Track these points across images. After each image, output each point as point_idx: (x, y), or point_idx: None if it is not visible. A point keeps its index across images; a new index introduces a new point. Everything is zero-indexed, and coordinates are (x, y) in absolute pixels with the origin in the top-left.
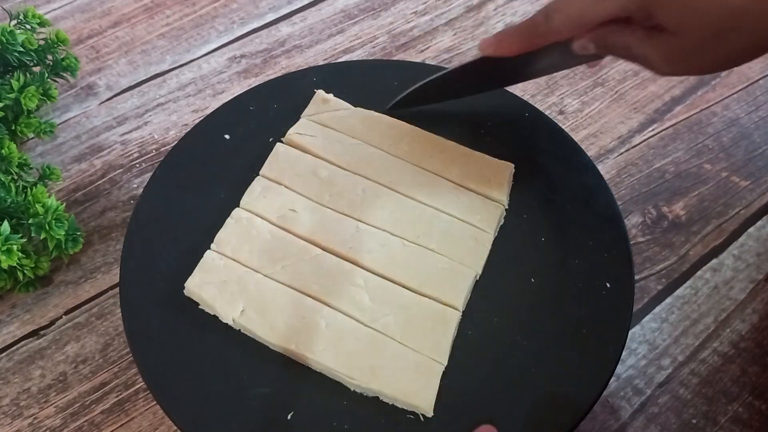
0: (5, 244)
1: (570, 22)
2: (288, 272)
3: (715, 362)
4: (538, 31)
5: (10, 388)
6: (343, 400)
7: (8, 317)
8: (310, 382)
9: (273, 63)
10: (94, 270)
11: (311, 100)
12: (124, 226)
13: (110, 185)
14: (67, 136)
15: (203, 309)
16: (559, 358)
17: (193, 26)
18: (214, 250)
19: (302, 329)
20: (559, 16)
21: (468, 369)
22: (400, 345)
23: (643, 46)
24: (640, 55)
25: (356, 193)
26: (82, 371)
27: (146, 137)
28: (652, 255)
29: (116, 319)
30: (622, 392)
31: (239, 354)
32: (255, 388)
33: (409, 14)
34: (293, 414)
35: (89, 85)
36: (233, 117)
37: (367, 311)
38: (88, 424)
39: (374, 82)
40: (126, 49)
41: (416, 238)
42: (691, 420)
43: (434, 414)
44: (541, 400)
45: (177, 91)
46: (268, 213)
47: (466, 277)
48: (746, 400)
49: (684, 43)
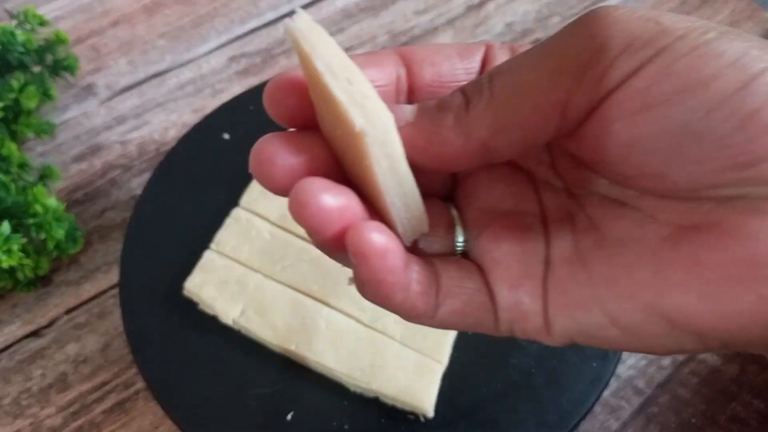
0: (6, 244)
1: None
2: (288, 272)
3: (715, 362)
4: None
5: (11, 387)
6: (343, 401)
7: (9, 317)
8: (310, 382)
9: (273, 62)
10: (94, 270)
11: None
12: (124, 226)
13: (110, 185)
14: (67, 136)
15: (203, 309)
16: (559, 358)
17: (193, 26)
18: (213, 250)
19: (302, 329)
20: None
21: (469, 369)
22: (400, 345)
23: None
24: None
25: None
26: (83, 371)
27: (146, 137)
28: None
29: (116, 319)
30: (622, 392)
31: (239, 354)
32: (255, 388)
33: (409, 13)
34: (293, 414)
35: (89, 85)
36: (233, 117)
37: (367, 311)
38: (89, 423)
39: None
40: (126, 49)
41: None
42: (690, 419)
43: (434, 414)
44: (541, 400)
45: (177, 91)
46: (267, 213)
47: None
48: (745, 399)
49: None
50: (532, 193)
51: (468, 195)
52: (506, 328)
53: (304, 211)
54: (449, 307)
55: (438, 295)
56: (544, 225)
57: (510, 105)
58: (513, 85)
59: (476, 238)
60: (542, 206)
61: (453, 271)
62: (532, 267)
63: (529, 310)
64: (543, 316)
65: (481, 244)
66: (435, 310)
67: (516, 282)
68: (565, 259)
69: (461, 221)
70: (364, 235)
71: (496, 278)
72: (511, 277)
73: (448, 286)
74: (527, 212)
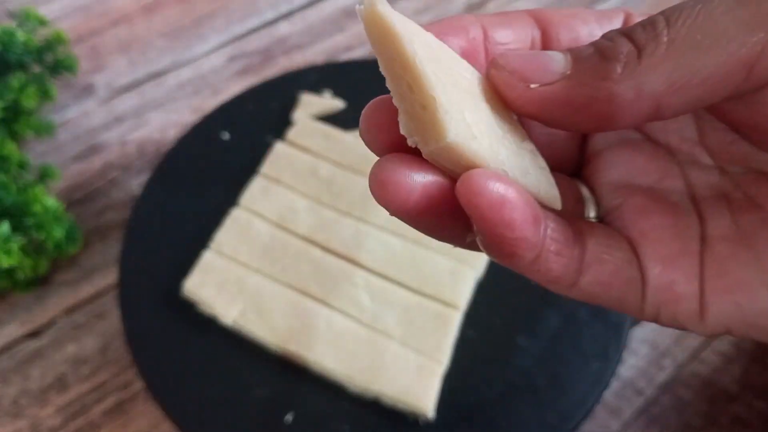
0: (5, 244)
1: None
2: (287, 272)
3: (716, 362)
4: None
5: (10, 387)
6: (342, 402)
7: (8, 317)
8: (310, 383)
9: (272, 62)
10: (94, 270)
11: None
12: (123, 226)
13: (110, 185)
14: (66, 136)
15: (202, 309)
16: (559, 359)
17: (193, 25)
18: (213, 250)
19: (302, 330)
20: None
21: (469, 370)
22: (400, 345)
23: None
24: None
25: (356, 192)
26: (82, 371)
27: (145, 137)
28: None
29: (115, 319)
30: (623, 392)
31: (239, 354)
32: (254, 389)
33: (409, 13)
34: (292, 415)
35: (89, 84)
36: (232, 116)
37: (367, 311)
38: (88, 423)
39: (375, 82)
40: (126, 49)
41: (417, 237)
42: (692, 420)
43: (435, 415)
44: (541, 401)
45: (176, 91)
46: (267, 213)
47: (467, 276)
48: (747, 400)
49: None
50: (677, 169)
51: (600, 169)
52: (652, 310)
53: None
54: (594, 276)
55: (582, 260)
56: (694, 203)
57: (694, 57)
58: (699, 34)
59: (617, 210)
60: (689, 184)
61: (601, 236)
62: (688, 243)
63: (683, 291)
64: (698, 300)
65: (624, 215)
66: (577, 276)
67: (670, 259)
68: (725, 238)
69: (592, 195)
70: (477, 183)
71: (646, 252)
72: (665, 252)
73: (595, 252)
74: (672, 189)
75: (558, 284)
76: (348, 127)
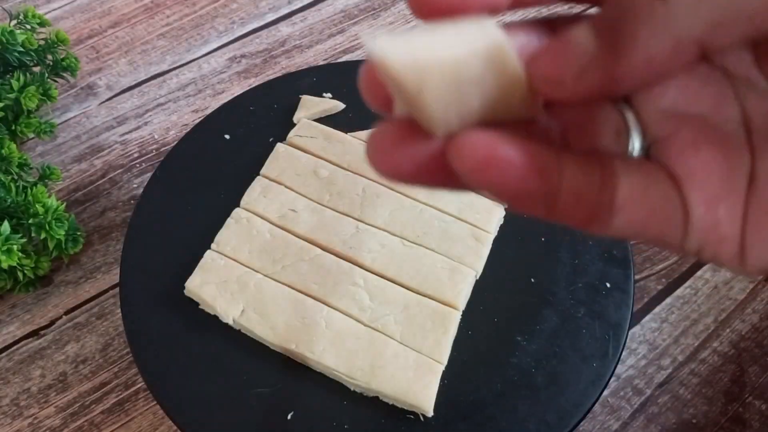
0: (5, 244)
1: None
2: (288, 272)
3: (715, 362)
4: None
5: (10, 388)
6: (343, 400)
7: (8, 317)
8: (310, 382)
9: (273, 63)
10: (94, 270)
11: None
12: (124, 226)
13: (110, 185)
14: (67, 136)
15: (203, 309)
16: (559, 358)
17: (193, 26)
18: (214, 250)
19: (302, 329)
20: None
21: (468, 369)
22: (400, 345)
23: None
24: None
25: (356, 192)
26: (82, 371)
27: (146, 137)
28: (652, 255)
29: (116, 319)
30: (622, 392)
31: (239, 354)
32: (255, 388)
33: (409, 14)
34: (293, 414)
35: (89, 85)
36: (233, 117)
37: (367, 311)
38: (88, 424)
39: None
40: (126, 49)
41: (416, 237)
42: (691, 420)
43: (434, 414)
44: (541, 400)
45: (177, 91)
46: (268, 213)
47: (466, 276)
48: (746, 400)
49: None
50: (733, 95)
51: (651, 94)
52: (694, 247)
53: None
54: (629, 215)
55: (612, 203)
56: (748, 134)
57: None
58: None
59: (664, 141)
60: (745, 112)
61: (637, 175)
62: (736, 182)
63: (726, 233)
64: (739, 243)
65: (672, 147)
66: (608, 218)
67: (716, 198)
68: None
69: (639, 124)
70: (464, 146)
71: (691, 190)
72: (712, 191)
73: (630, 192)
74: (727, 118)
75: (586, 227)
76: (348, 128)
